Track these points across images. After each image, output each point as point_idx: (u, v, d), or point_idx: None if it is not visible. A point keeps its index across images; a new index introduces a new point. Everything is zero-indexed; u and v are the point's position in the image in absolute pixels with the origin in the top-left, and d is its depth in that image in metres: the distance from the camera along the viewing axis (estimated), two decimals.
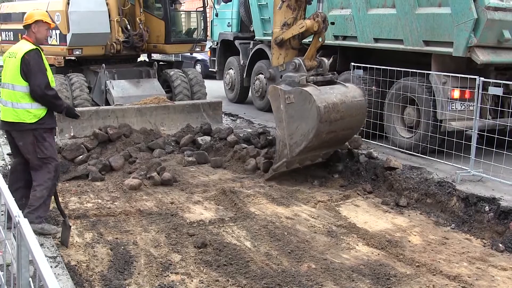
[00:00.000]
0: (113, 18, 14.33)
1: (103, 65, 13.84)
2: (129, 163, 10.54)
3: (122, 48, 14.52)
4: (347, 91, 9.77)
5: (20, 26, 15.95)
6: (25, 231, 2.54)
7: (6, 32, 17.41)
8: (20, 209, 2.96)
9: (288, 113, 9.55)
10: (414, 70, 10.90)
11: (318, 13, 9.70)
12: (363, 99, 10.04)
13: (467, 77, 9.77)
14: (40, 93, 6.77)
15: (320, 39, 9.94)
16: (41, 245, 6.22)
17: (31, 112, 6.81)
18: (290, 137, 9.57)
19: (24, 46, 6.87)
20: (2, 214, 4.62)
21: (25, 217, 2.69)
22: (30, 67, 6.71)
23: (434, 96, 10.62)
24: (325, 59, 10.30)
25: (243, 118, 15.80)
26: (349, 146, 10.91)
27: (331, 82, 10.10)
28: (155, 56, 16.38)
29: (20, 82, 6.76)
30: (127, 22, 14.54)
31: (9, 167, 9.32)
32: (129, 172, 10.13)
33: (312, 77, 9.78)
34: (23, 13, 15.77)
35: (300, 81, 9.53)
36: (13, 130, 6.98)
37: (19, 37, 15.72)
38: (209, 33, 18.86)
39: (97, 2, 14.67)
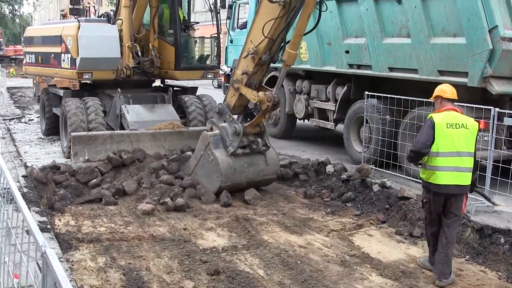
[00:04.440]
0: (124, 44, 14.42)
1: (119, 89, 13.90)
2: (142, 188, 10.55)
3: (133, 73, 14.59)
4: (263, 170, 10.90)
5: (40, 50, 16.32)
6: (52, 261, 2.55)
7: (29, 55, 17.73)
8: None
9: (201, 162, 10.81)
10: (429, 100, 10.84)
11: (273, 96, 10.17)
12: (275, 176, 11.28)
13: (482, 108, 9.75)
14: None
15: (265, 116, 10.59)
16: None
17: None
18: (195, 174, 10.91)
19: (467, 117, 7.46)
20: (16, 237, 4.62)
21: None
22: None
23: None
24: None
25: None
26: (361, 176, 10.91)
27: (259, 152, 10.83)
28: (170, 81, 16.38)
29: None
30: (138, 48, 14.61)
31: (24, 189, 9.36)
32: (142, 197, 10.14)
33: (241, 150, 10.51)
34: (43, 37, 16.13)
35: (228, 150, 10.42)
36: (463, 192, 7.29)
37: (39, 60, 16.01)
38: (223, 59, 18.91)
39: (108, 27, 14.81)
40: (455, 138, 7.06)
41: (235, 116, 10.78)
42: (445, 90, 7.45)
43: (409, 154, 7.43)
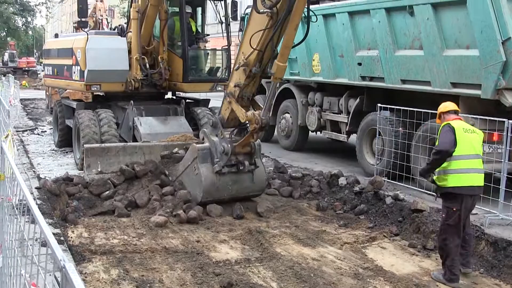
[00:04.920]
0: (133, 56, 14.49)
1: (131, 101, 13.96)
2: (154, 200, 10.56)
3: (142, 86, 14.64)
4: (248, 187, 10.76)
5: (56, 62, 16.46)
6: (72, 276, 2.55)
7: (47, 67, 18.03)
8: None
9: (188, 171, 10.75)
10: None
11: (261, 118, 9.90)
12: (260, 193, 11.14)
13: (496, 120, 9.73)
14: None
15: (254, 137, 10.27)
16: None
17: None
18: (181, 179, 10.93)
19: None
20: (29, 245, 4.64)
21: None
22: None
23: None
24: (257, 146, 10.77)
25: (268, 157, 15.80)
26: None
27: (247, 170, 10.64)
28: (182, 94, 16.42)
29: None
30: (146, 61, 14.66)
31: (37, 201, 9.40)
32: (152, 210, 10.14)
33: (228, 169, 10.31)
34: (58, 49, 16.28)
35: (214, 168, 10.26)
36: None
37: (55, 72, 16.16)
38: None
39: (117, 40, 14.88)
40: (473, 141, 7.43)
41: (232, 130, 10.64)
42: (445, 105, 7.90)
43: (434, 156, 7.45)
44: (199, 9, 16.11)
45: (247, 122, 10.16)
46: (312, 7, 14.90)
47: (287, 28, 9.37)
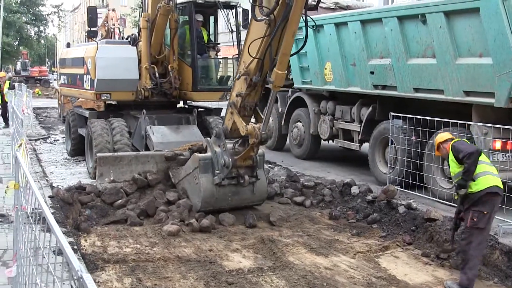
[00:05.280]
0: (142, 65, 14.53)
1: (144, 110, 13.98)
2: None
3: (152, 95, 14.66)
4: (248, 198, 10.71)
5: (70, 71, 16.56)
6: (89, 286, 2.56)
7: (63, 76, 18.19)
8: None
9: (189, 178, 10.74)
10: (455, 121, 10.84)
11: (260, 133, 9.81)
12: (260, 202, 11.08)
13: (509, 128, 9.68)
14: None
15: (254, 151, 10.14)
16: None
17: None
18: (182, 184, 11.01)
19: None
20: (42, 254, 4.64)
21: None
22: None
23: None
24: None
25: (281, 165, 15.80)
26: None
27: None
28: (194, 102, 16.41)
29: None
30: (155, 70, 14.67)
31: (50, 209, 9.41)
32: (159, 220, 10.13)
33: (228, 181, 10.26)
34: (72, 59, 16.39)
35: (214, 180, 10.21)
36: None
37: (69, 81, 16.28)
38: None
39: (127, 49, 14.97)
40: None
41: (235, 140, 10.53)
42: (442, 135, 8.21)
43: (469, 160, 7.45)
44: (211, 18, 16.09)
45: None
46: (323, 15, 15.06)
47: (284, 35, 9.24)
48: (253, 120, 10.73)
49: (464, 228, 7.77)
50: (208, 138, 11.02)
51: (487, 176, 7.44)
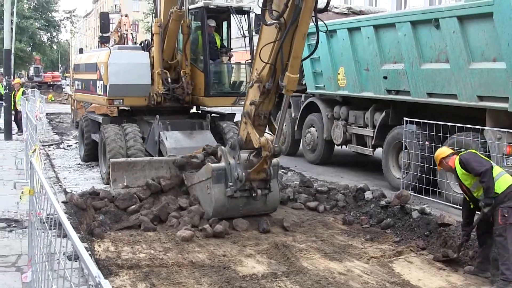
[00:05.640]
0: (155, 70, 14.56)
1: (157, 116, 14.02)
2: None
3: (164, 100, 14.67)
4: (260, 208, 10.60)
5: (84, 77, 16.65)
6: None
7: (77, 82, 18.26)
8: None
9: (201, 186, 10.67)
10: (468, 126, 10.81)
11: (273, 146, 9.73)
12: (272, 211, 10.93)
13: None
14: None
15: (267, 163, 10.00)
16: None
17: None
18: (194, 188, 11.03)
19: None
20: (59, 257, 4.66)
21: None
22: None
23: (488, 152, 10.49)
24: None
25: (294, 171, 15.79)
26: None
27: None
28: (207, 108, 16.43)
29: None
30: (168, 75, 14.68)
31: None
32: (171, 226, 10.14)
33: (240, 193, 10.17)
34: (85, 64, 16.49)
35: (226, 192, 10.17)
36: None
37: (83, 86, 16.39)
38: None
39: (139, 54, 15.02)
40: None
41: (250, 151, 10.31)
42: (442, 151, 8.52)
43: (485, 178, 7.67)
44: (224, 23, 16.12)
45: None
46: (336, 21, 15.05)
47: (295, 38, 9.19)
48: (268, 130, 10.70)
49: (495, 227, 7.76)
50: (223, 148, 10.88)
51: (504, 176, 7.72)
